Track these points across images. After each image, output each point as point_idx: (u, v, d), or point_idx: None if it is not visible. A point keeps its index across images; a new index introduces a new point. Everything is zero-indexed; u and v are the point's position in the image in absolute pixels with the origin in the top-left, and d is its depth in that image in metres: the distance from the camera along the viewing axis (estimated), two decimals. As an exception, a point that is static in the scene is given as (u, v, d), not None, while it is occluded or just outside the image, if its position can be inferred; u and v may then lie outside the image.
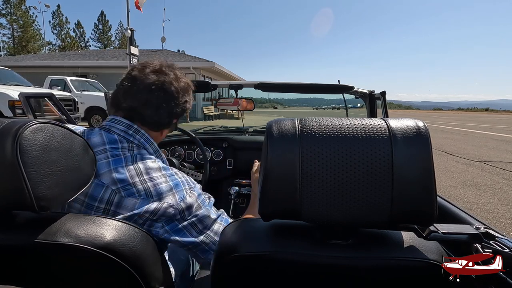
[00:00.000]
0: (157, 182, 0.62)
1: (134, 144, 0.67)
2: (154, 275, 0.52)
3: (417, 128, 0.43)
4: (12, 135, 0.40)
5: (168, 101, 0.70)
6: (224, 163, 1.73)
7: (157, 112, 0.69)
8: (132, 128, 0.68)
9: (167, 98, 0.69)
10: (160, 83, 0.68)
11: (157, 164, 0.66)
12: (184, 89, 0.74)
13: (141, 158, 0.65)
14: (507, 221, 2.65)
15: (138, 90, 0.67)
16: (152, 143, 0.72)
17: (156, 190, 0.61)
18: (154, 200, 0.61)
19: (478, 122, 19.43)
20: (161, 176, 0.64)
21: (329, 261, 0.46)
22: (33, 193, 0.40)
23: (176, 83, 0.71)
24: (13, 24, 33.17)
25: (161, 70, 0.70)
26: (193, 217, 0.65)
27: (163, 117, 0.71)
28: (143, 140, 0.69)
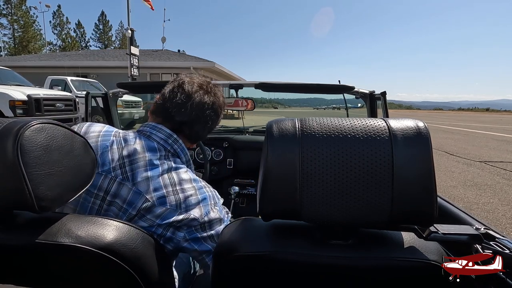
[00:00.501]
0: (188, 195, 0.65)
1: (170, 152, 0.70)
2: (154, 276, 0.52)
3: (418, 128, 0.43)
4: (13, 135, 0.40)
5: (214, 120, 0.77)
6: (224, 162, 1.73)
7: (204, 128, 0.76)
8: (172, 138, 0.71)
9: (214, 117, 0.77)
10: (211, 103, 0.75)
11: (188, 176, 0.69)
12: (221, 104, 0.79)
13: (175, 168, 0.68)
14: (507, 221, 2.65)
15: (192, 108, 0.72)
16: (186, 153, 0.75)
17: (185, 202, 0.64)
18: (182, 211, 0.63)
19: (479, 122, 19.41)
20: (191, 188, 0.67)
21: (329, 261, 0.46)
22: (34, 194, 0.40)
23: (217, 102, 0.77)
24: (14, 24, 33.19)
25: (210, 90, 0.76)
26: (213, 230, 0.67)
27: (206, 133, 0.78)
28: (180, 150, 0.72)
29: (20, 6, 32.92)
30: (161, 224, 0.62)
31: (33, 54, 27.02)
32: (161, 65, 14.18)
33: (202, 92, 0.74)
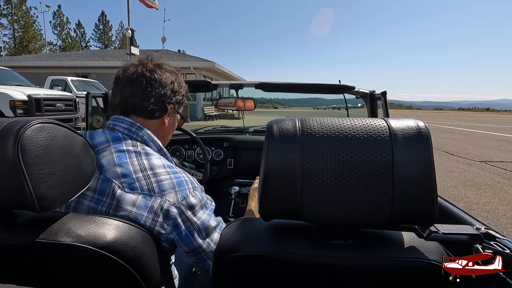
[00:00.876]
0: (161, 179, 0.62)
1: (137, 141, 0.68)
2: (155, 275, 0.52)
3: (418, 128, 0.43)
4: (13, 135, 0.40)
5: (152, 85, 0.71)
6: (224, 162, 1.73)
7: (145, 98, 0.70)
8: (135, 126, 0.69)
9: (150, 82, 0.71)
10: (141, 71, 0.71)
11: (161, 162, 0.66)
12: (169, 73, 0.75)
13: (145, 154, 0.66)
14: (507, 221, 2.65)
15: (123, 85, 0.71)
16: (155, 141, 0.72)
17: (158, 186, 0.61)
18: (156, 196, 0.60)
19: (479, 122, 19.40)
20: (165, 172, 0.64)
21: (329, 261, 0.46)
22: (35, 193, 0.40)
23: (157, 69, 0.73)
24: (14, 24, 33.21)
25: (140, 63, 0.73)
26: (196, 220, 0.64)
27: (152, 102, 0.71)
28: (146, 138, 0.70)
29: (21, 6, 32.95)
30: (140, 214, 0.58)
31: (33, 54, 27.04)
32: (161, 65, 14.14)
33: (129, 67, 0.73)
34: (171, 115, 0.77)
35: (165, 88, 0.73)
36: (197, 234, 0.64)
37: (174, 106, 0.77)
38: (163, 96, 0.73)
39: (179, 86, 0.78)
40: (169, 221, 0.61)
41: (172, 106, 0.76)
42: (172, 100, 0.75)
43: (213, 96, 16.61)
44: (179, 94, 0.78)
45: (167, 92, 0.73)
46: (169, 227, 0.61)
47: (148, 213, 0.59)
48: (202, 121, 14.01)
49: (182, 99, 0.80)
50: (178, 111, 0.80)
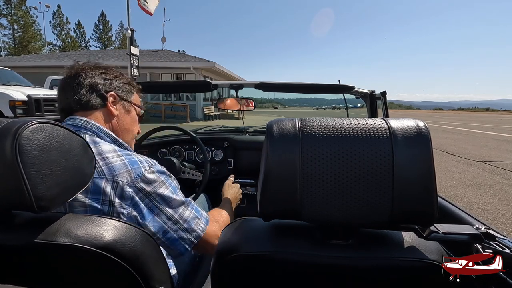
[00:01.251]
0: (110, 161, 0.61)
1: (86, 134, 0.66)
2: (154, 275, 0.52)
3: (418, 128, 0.43)
4: (11, 135, 0.40)
5: (79, 79, 0.70)
6: (224, 163, 1.73)
7: (76, 92, 0.69)
8: (81, 120, 0.68)
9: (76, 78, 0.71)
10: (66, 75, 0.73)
11: (111, 147, 0.65)
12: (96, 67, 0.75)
13: (93, 142, 0.64)
14: (507, 221, 2.65)
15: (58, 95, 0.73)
16: (106, 132, 0.69)
17: (108, 169, 0.59)
18: (107, 178, 0.58)
19: (479, 122, 19.41)
20: (115, 155, 0.62)
21: (329, 261, 0.46)
22: (33, 193, 0.40)
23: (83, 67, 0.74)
24: (14, 24, 33.20)
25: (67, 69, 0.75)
26: (156, 195, 0.62)
27: (84, 93, 0.70)
28: (95, 130, 0.68)
29: (20, 6, 32.94)
30: (94, 198, 0.57)
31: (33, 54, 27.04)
32: (161, 65, 14.18)
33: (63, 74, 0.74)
34: (118, 104, 0.75)
35: (94, 77, 0.72)
36: (159, 210, 0.62)
37: (116, 94, 0.75)
38: (95, 85, 0.71)
39: (113, 75, 0.76)
40: (126, 201, 0.59)
41: (113, 94, 0.74)
42: (109, 88, 0.74)
43: (213, 96, 16.62)
44: (117, 81, 0.76)
45: (97, 80, 0.72)
46: (128, 206, 0.59)
47: (102, 196, 0.57)
48: (202, 121, 14.02)
49: (126, 87, 0.78)
50: (126, 99, 0.78)
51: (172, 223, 0.63)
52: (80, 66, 0.74)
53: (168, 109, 13.65)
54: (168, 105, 13.89)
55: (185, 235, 0.65)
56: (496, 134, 10.72)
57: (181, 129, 1.43)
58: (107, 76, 0.75)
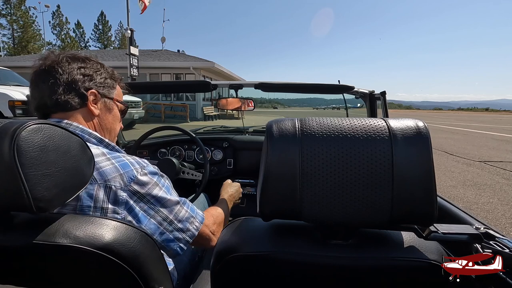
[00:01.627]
0: (100, 166, 0.58)
1: None
2: (153, 275, 0.52)
3: (417, 128, 0.43)
4: (9, 136, 0.39)
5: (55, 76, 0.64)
6: (224, 163, 1.73)
7: (53, 91, 0.63)
8: (62, 123, 0.62)
9: (51, 74, 0.64)
10: (39, 69, 0.65)
11: (100, 150, 0.61)
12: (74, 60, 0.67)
13: None
14: (507, 221, 2.65)
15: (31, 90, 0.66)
16: (90, 133, 0.65)
17: (99, 174, 0.57)
18: (99, 184, 0.56)
19: (479, 122, 19.43)
20: (104, 159, 0.59)
21: (329, 261, 0.46)
22: (31, 194, 0.40)
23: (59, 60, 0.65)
24: (13, 24, 33.16)
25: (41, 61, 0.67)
26: (150, 197, 0.60)
27: (62, 92, 0.63)
28: (79, 132, 0.63)
29: (20, 6, 32.90)
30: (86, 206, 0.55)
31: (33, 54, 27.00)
32: (160, 65, 14.18)
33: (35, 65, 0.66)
34: (99, 102, 0.69)
35: (72, 74, 0.65)
36: (154, 212, 0.60)
37: (97, 92, 0.68)
38: (73, 83, 0.65)
39: (94, 69, 0.69)
40: (121, 206, 0.57)
41: (94, 92, 0.68)
42: (89, 85, 0.67)
43: (213, 96, 16.62)
44: (97, 76, 0.69)
45: (75, 77, 0.65)
46: (123, 211, 0.57)
47: (94, 203, 0.55)
48: (202, 121, 14.02)
49: (107, 82, 0.72)
50: (108, 96, 0.72)
51: (167, 224, 0.62)
52: (55, 57, 0.66)
53: (167, 109, 13.64)
54: (167, 105, 13.89)
55: (180, 235, 0.64)
56: (495, 134, 10.73)
57: (180, 129, 1.43)
58: (86, 71, 0.67)
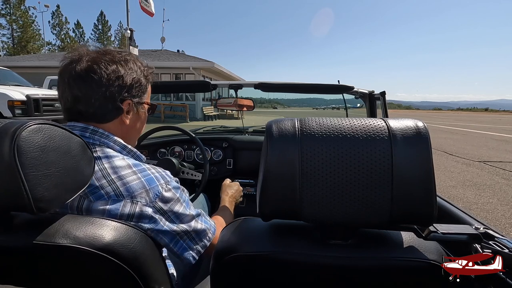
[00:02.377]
0: (127, 180, 0.57)
1: (95, 145, 0.61)
2: (153, 276, 0.52)
3: (417, 128, 0.43)
4: (10, 136, 0.39)
5: (92, 88, 0.60)
6: (223, 163, 1.73)
7: (89, 104, 0.61)
8: (88, 130, 0.62)
9: (89, 84, 0.60)
10: (75, 72, 0.61)
11: (126, 162, 0.61)
12: (112, 65, 0.63)
13: (106, 157, 0.60)
14: (506, 221, 2.66)
15: (63, 89, 0.62)
16: (115, 140, 0.64)
17: (126, 189, 0.57)
18: (126, 199, 0.56)
19: (478, 122, 19.45)
20: (131, 173, 0.59)
21: (328, 261, 0.46)
22: (31, 195, 0.40)
23: (95, 65, 0.61)
24: (13, 24, 33.14)
25: (73, 60, 0.63)
26: (172, 213, 0.61)
27: (100, 106, 0.62)
28: (104, 139, 0.63)
29: (19, 6, 32.88)
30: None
31: (32, 54, 26.98)
32: (160, 65, 14.17)
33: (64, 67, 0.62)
34: (131, 111, 0.67)
35: (110, 86, 0.62)
36: (176, 227, 0.61)
37: (131, 101, 0.66)
38: (111, 97, 0.62)
39: (131, 75, 0.65)
40: (145, 220, 0.58)
41: (129, 102, 0.66)
42: (126, 96, 0.65)
43: (213, 96, 16.62)
44: (134, 85, 0.66)
45: (113, 90, 0.62)
46: (146, 224, 0.58)
47: (120, 218, 0.55)
48: (201, 121, 14.01)
49: (142, 86, 0.69)
50: (141, 101, 0.70)
51: (186, 236, 0.64)
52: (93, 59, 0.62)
53: (167, 109, 13.64)
54: (167, 105, 13.88)
55: (194, 246, 0.66)
56: (495, 134, 10.74)
57: (180, 129, 1.43)
58: (125, 80, 0.64)
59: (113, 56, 0.64)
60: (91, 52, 0.64)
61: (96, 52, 0.64)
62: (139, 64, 0.69)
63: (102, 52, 0.64)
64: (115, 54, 0.65)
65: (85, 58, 0.62)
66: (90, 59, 0.62)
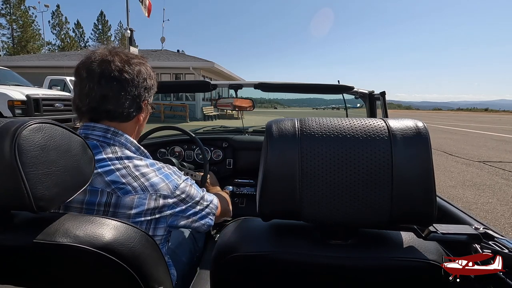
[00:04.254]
0: (150, 177, 0.64)
1: (115, 146, 0.66)
2: (153, 275, 0.52)
3: (417, 128, 0.43)
4: (10, 135, 0.39)
5: (125, 88, 0.65)
6: (223, 163, 1.73)
7: (119, 103, 0.65)
8: (110, 132, 0.66)
9: (122, 84, 0.65)
10: (108, 72, 0.64)
11: (144, 162, 0.67)
12: (138, 67, 0.68)
13: (126, 157, 0.65)
14: (506, 221, 2.66)
15: (90, 88, 0.64)
16: (132, 142, 0.70)
17: (150, 184, 0.63)
18: (151, 193, 0.62)
19: (478, 122, 19.45)
20: (151, 171, 0.66)
21: (328, 261, 0.46)
22: (32, 194, 0.40)
23: (126, 66, 0.66)
24: (13, 24, 33.13)
25: (104, 59, 0.65)
26: (190, 198, 0.71)
27: (128, 106, 0.67)
28: (123, 141, 0.68)
29: (19, 6, 32.87)
30: (139, 212, 0.60)
31: (32, 54, 26.97)
32: (160, 65, 14.17)
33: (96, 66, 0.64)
34: (145, 111, 0.74)
35: (138, 87, 0.68)
36: (196, 204, 0.72)
37: (147, 102, 0.73)
38: (138, 97, 0.69)
39: (151, 79, 0.73)
40: (167, 208, 0.65)
41: (146, 102, 0.72)
42: (146, 97, 0.72)
43: (212, 96, 16.62)
44: (152, 87, 0.74)
45: (141, 91, 0.69)
46: (169, 211, 0.65)
47: (146, 210, 0.61)
48: (201, 121, 14.01)
49: (154, 89, 0.76)
50: (151, 103, 0.77)
51: (200, 206, 0.74)
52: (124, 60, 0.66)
53: (167, 109, 13.64)
54: (167, 105, 13.88)
55: (209, 210, 0.77)
56: (494, 134, 10.74)
57: (180, 129, 1.43)
58: (149, 83, 0.71)
59: (138, 59, 0.70)
60: (117, 53, 0.67)
61: (122, 54, 0.68)
62: (150, 66, 0.76)
63: (128, 54, 0.69)
64: (138, 57, 0.71)
65: (117, 58, 0.65)
66: (122, 60, 0.66)
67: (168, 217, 0.66)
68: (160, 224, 0.65)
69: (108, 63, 0.64)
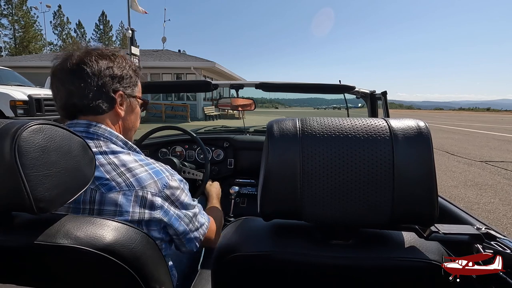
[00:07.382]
0: (136, 172, 0.60)
1: (100, 140, 0.63)
2: (154, 276, 0.52)
3: (418, 128, 0.43)
4: (10, 136, 0.39)
5: (84, 79, 0.62)
6: (224, 162, 1.73)
7: (83, 96, 0.63)
8: (92, 126, 0.64)
9: (80, 77, 0.62)
10: (67, 68, 0.62)
11: (131, 157, 0.63)
12: (101, 59, 0.65)
13: (112, 152, 0.62)
14: (508, 221, 2.64)
15: (56, 86, 0.64)
16: (117, 136, 0.67)
17: (136, 180, 0.59)
18: (137, 190, 0.59)
19: (480, 122, 19.38)
20: (138, 166, 0.62)
21: (329, 261, 0.46)
22: (32, 195, 0.40)
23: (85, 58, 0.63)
24: (15, 24, 33.25)
25: (65, 56, 0.64)
26: (179, 203, 0.65)
27: (93, 97, 0.64)
28: (108, 135, 0.65)
29: (21, 7, 32.98)
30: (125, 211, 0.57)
31: (34, 54, 27.07)
32: (161, 65, 14.19)
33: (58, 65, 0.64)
34: (124, 103, 0.70)
35: (101, 77, 0.64)
36: (184, 216, 0.66)
37: (123, 92, 0.69)
38: (103, 87, 0.65)
39: (120, 68, 0.68)
40: (157, 210, 0.60)
41: (121, 93, 0.68)
42: (117, 87, 0.67)
43: (214, 96, 16.63)
44: (124, 76, 0.69)
45: (105, 81, 0.65)
46: (159, 214, 0.61)
47: (132, 208, 0.58)
48: (202, 121, 14.02)
49: (132, 80, 0.72)
50: (132, 94, 0.72)
51: (192, 225, 0.68)
52: (82, 55, 0.64)
53: (168, 109, 13.65)
54: (168, 105, 13.89)
55: (197, 234, 0.71)
56: (496, 134, 10.70)
57: (181, 129, 1.43)
58: (114, 71, 0.67)
59: (102, 51, 0.67)
60: (81, 49, 0.66)
61: (85, 48, 0.67)
62: (127, 60, 0.73)
63: (91, 48, 0.67)
64: (104, 50, 0.68)
65: (76, 53, 0.64)
66: (80, 54, 0.64)
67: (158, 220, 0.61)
68: (152, 226, 0.61)
69: (66, 60, 0.63)
